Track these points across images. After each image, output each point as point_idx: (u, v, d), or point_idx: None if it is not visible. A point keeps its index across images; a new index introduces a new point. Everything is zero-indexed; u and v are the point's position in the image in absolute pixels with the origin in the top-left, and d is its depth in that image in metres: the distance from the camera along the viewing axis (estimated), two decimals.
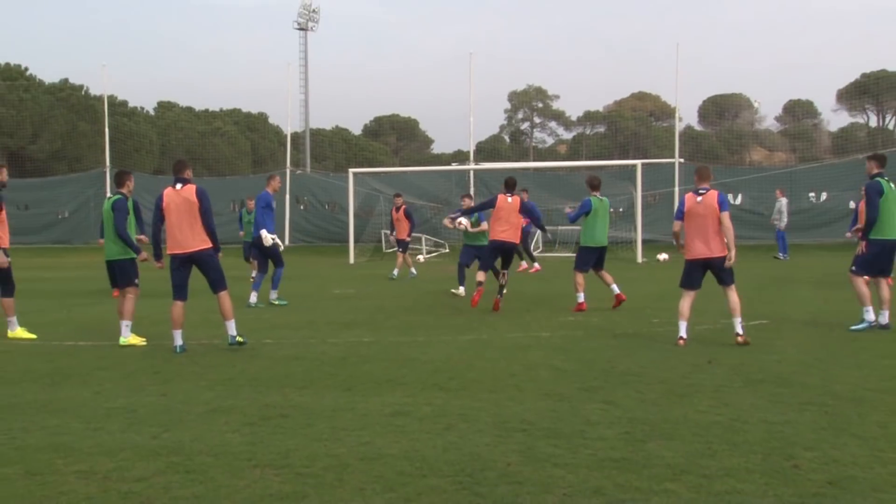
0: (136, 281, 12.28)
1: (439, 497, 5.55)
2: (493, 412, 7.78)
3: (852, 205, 36.41)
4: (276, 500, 5.52)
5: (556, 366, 10.05)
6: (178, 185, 11.54)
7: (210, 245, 11.57)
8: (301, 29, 74.80)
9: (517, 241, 15.97)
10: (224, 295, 11.62)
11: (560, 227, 34.50)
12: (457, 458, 6.36)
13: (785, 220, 31.15)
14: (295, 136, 53.50)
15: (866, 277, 12.77)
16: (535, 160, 74.87)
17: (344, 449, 6.61)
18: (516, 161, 66.92)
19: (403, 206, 24.09)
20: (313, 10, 74.83)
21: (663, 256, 28.27)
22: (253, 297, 16.91)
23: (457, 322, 14.30)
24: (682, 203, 11.89)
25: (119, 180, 12.48)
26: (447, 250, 35.67)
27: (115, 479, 5.93)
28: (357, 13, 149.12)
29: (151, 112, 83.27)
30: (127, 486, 5.79)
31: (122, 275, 12.26)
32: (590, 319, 14.40)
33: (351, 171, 36.02)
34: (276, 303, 17.09)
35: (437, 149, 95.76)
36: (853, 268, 12.82)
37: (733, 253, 11.54)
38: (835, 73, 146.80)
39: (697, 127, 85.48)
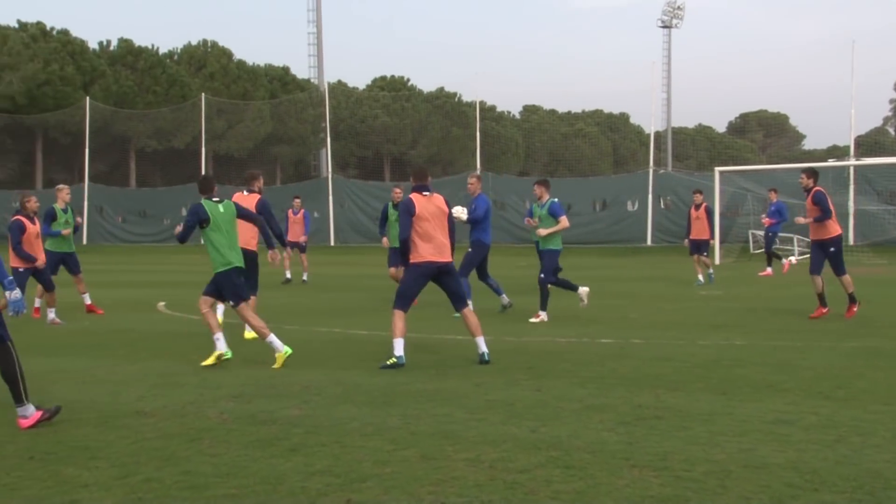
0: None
1: None
2: (890, 426, 7.24)
3: None
4: (657, 501, 5.43)
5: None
6: (426, 193, 10.84)
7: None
8: (665, 27, 74.28)
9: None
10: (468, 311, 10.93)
11: None
12: (853, 474, 5.96)
13: None
14: (657, 136, 53.09)
15: None
16: None
17: (724, 455, 6.40)
18: None
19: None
20: (678, 7, 74.10)
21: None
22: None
23: (835, 327, 13.55)
24: None
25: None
26: None
27: (500, 468, 6.09)
28: (722, 7, 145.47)
29: (517, 116, 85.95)
30: (511, 476, 5.92)
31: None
32: None
33: (717, 169, 35.15)
34: None
35: (808, 145, 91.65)
36: None
37: None
38: None
39: None
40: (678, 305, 17.29)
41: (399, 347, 10.30)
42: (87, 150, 53.71)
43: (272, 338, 10.41)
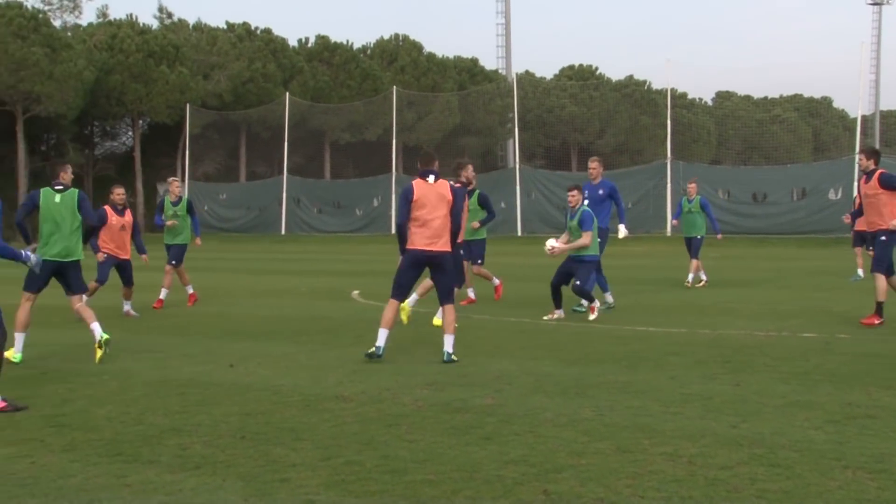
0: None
1: None
2: None
3: None
4: None
5: None
6: (431, 178, 10.28)
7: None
8: (875, 3, 70.84)
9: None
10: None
11: None
12: None
13: None
14: (864, 120, 50.68)
15: None
16: None
17: None
18: None
19: None
20: None
21: None
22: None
23: None
24: None
25: None
26: None
27: (699, 464, 5.91)
28: None
29: (710, 103, 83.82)
30: (712, 472, 5.73)
31: None
32: None
33: None
34: None
35: None
36: None
37: None
38: None
39: None
40: (889, 299, 16.38)
41: (381, 338, 10.14)
42: (286, 144, 55.80)
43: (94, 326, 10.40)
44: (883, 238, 12.69)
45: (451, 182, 11.60)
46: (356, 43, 70.21)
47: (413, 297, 12.55)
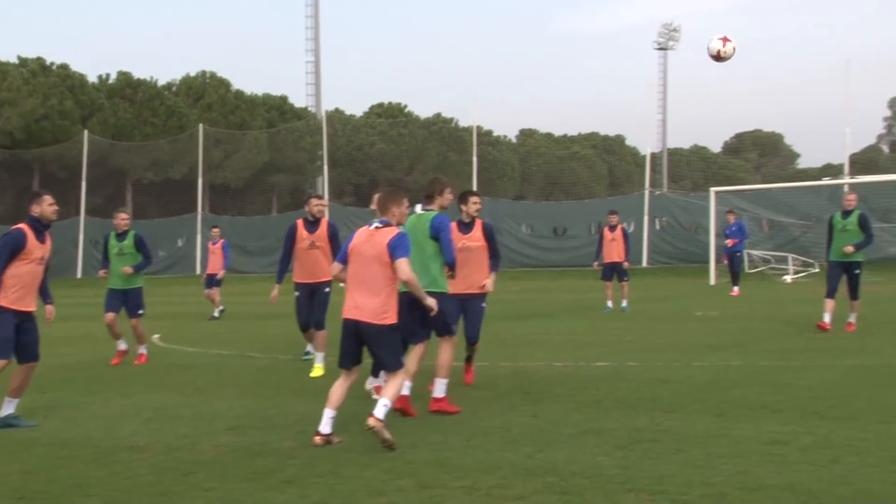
0: None
1: None
2: (887, 445, 7.21)
3: None
4: None
5: None
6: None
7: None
8: (661, 49, 74.65)
9: None
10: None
11: None
12: (848, 494, 5.94)
13: None
14: (653, 157, 53.22)
15: None
16: None
17: (720, 477, 6.36)
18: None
19: None
20: (673, 29, 74.62)
21: None
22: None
23: (834, 345, 13.52)
24: None
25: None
26: (817, 270, 34.03)
27: (496, 495, 6.05)
28: (718, 28, 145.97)
29: (514, 140, 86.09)
30: (508, 503, 5.89)
31: None
32: None
33: (712, 189, 35.23)
34: None
35: (803, 163, 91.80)
36: None
37: None
38: None
39: None
40: (675, 326, 17.27)
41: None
42: (83, 184, 53.83)
43: None
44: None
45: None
46: (161, 80, 68.70)
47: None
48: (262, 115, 69.44)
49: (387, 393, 7.73)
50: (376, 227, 8.02)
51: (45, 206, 9.18)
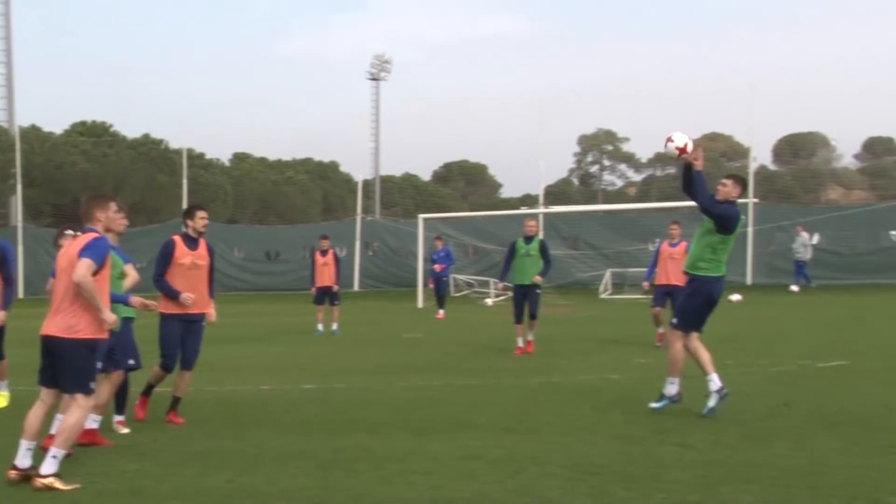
0: None
1: None
2: (564, 455, 7.66)
3: None
4: None
5: (628, 408, 9.85)
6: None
7: None
8: (373, 79, 76.02)
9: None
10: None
11: (629, 269, 34.59)
12: (528, 503, 6.25)
13: (809, 254, 31.70)
14: (366, 184, 53.97)
15: None
16: (603, 202, 74.50)
17: (414, 493, 6.55)
18: (585, 204, 66.74)
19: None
20: (385, 61, 76.22)
21: (736, 297, 27.78)
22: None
23: (527, 365, 14.14)
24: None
25: None
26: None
27: None
28: (428, 61, 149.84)
29: (227, 163, 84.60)
30: None
31: None
32: (661, 361, 14.14)
33: (420, 216, 36.10)
34: None
35: (505, 193, 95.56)
36: None
37: None
38: None
39: (771, 166, 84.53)
40: (383, 349, 17.50)
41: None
42: None
43: None
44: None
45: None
46: None
47: None
48: None
49: (60, 436, 7.02)
50: (75, 236, 7.47)
51: None
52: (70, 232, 8.34)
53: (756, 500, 6.16)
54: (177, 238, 9.65)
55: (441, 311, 25.66)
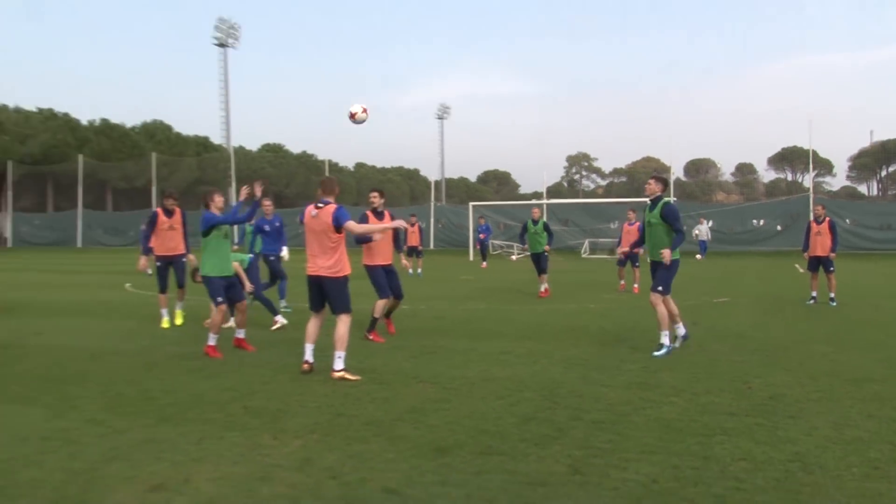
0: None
1: (531, 403, 5.46)
2: (562, 353, 7.58)
3: (779, 228, 35.24)
4: (432, 402, 5.47)
5: (601, 326, 9.70)
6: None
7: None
8: (439, 118, 74.61)
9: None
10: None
11: (600, 239, 34.77)
12: (542, 381, 6.24)
13: (706, 235, 30.86)
14: (436, 183, 53.20)
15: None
16: (582, 197, 73.74)
17: (471, 373, 6.53)
18: (571, 198, 66.12)
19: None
20: (445, 108, 74.56)
21: (698, 257, 27.52)
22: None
23: (534, 298, 13.83)
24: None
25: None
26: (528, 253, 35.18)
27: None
28: (466, 108, 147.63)
29: (351, 168, 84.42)
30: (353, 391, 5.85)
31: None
32: (621, 298, 13.94)
33: (470, 204, 35.86)
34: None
35: (522, 190, 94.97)
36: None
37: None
38: (766, 144, 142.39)
39: (683, 178, 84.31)
40: (448, 285, 17.06)
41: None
42: (80, 188, 50.13)
43: None
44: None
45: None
46: (128, 123, 63.94)
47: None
48: (193, 147, 65.60)
49: (338, 342, 6.29)
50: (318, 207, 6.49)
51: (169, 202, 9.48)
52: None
53: (679, 381, 6.07)
54: (369, 213, 8.66)
55: (484, 263, 25.52)
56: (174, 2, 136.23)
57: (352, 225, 6.46)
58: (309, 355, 6.49)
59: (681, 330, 7.80)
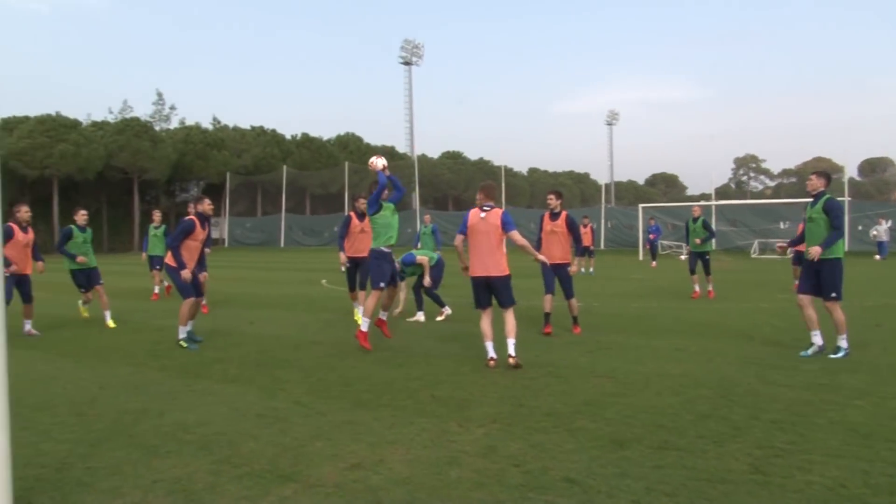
0: None
1: (707, 401, 5.29)
2: (736, 352, 7.21)
3: None
4: (609, 396, 5.43)
5: (775, 325, 9.06)
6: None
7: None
8: (608, 124, 72.52)
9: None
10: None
11: (770, 239, 32.19)
12: (716, 378, 6.02)
13: (885, 236, 27.42)
14: (606, 186, 51.89)
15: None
16: (750, 199, 68.07)
17: (646, 369, 6.41)
18: (739, 199, 61.41)
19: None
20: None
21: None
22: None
23: (705, 298, 12.96)
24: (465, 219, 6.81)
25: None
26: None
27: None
28: (638, 116, 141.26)
29: (525, 173, 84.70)
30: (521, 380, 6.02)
31: None
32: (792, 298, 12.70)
33: (640, 205, 34.63)
34: None
35: (689, 192, 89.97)
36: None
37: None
38: None
39: (857, 178, 77.34)
40: (619, 283, 16.71)
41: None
42: (283, 195, 55.15)
43: None
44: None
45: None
46: (325, 136, 69.47)
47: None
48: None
49: (511, 331, 6.54)
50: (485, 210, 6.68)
51: (205, 206, 8.14)
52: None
53: (861, 384, 5.55)
54: (546, 214, 8.97)
55: (654, 262, 24.66)
56: (365, 27, 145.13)
57: (515, 235, 6.59)
58: (492, 352, 6.61)
59: (818, 339, 7.02)
